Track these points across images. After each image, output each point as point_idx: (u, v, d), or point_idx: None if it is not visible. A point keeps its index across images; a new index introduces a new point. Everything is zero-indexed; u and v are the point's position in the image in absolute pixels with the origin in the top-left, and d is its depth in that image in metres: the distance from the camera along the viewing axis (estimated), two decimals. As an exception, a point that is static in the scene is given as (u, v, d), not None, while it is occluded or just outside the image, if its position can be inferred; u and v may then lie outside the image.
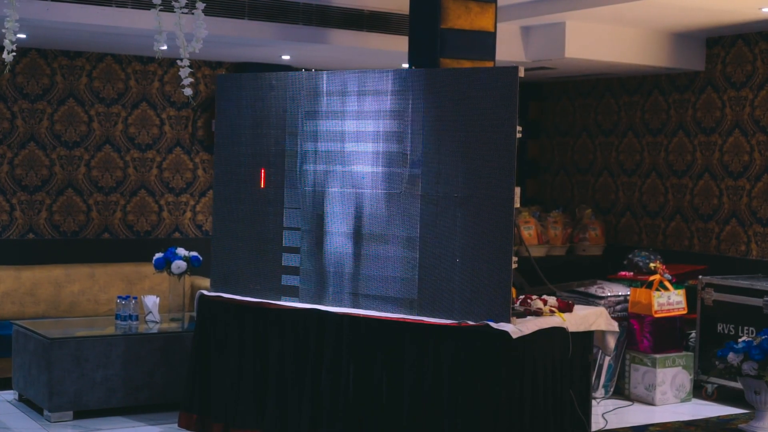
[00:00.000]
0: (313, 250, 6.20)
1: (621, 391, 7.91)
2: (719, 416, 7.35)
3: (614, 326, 6.22)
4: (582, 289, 8.00)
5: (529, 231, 9.17)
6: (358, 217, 6.00)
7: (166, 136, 9.03)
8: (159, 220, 9.02)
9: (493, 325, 5.46)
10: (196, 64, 9.02)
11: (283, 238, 6.31)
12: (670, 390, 7.73)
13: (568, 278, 8.69)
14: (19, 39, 7.52)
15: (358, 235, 6.01)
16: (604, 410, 7.39)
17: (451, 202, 5.65)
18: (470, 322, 5.56)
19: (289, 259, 6.29)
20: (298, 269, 6.25)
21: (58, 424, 6.79)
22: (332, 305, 6.08)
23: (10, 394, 7.51)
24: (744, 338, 6.98)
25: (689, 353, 7.91)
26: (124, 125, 8.84)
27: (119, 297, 7.43)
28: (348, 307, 6.03)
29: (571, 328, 5.83)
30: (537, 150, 10.62)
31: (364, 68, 7.32)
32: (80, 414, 6.91)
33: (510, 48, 8.50)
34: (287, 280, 6.29)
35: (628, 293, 7.94)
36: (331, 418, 5.90)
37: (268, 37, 7.69)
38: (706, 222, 8.92)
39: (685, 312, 7.91)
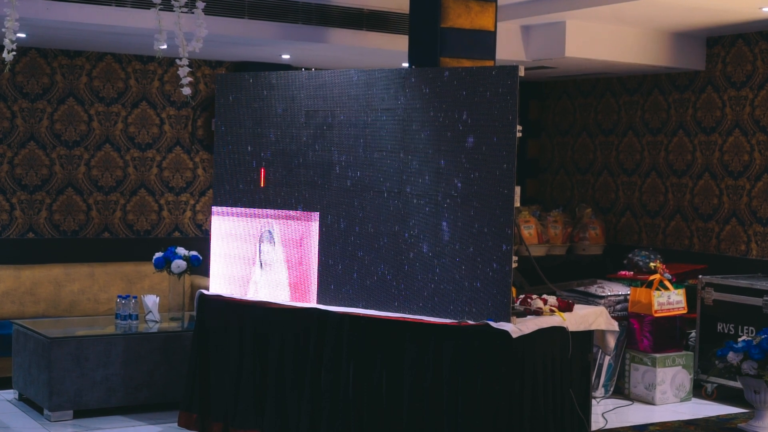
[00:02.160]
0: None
1: (621, 390, 7.91)
2: (719, 415, 7.35)
3: (614, 326, 6.22)
4: (582, 288, 8.00)
5: (529, 230, 9.17)
6: (357, 216, 6.00)
7: (166, 135, 9.03)
8: (159, 220, 9.02)
9: (493, 324, 5.45)
10: (196, 64, 9.02)
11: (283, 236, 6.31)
12: (670, 389, 7.73)
13: (568, 277, 8.69)
14: (18, 38, 7.51)
15: (356, 234, 6.00)
16: (604, 409, 7.39)
17: (451, 201, 5.65)
18: (470, 322, 5.56)
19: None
20: (297, 268, 6.25)
21: (58, 423, 6.79)
22: (332, 304, 6.08)
23: (10, 394, 7.51)
24: (744, 338, 6.98)
25: (689, 353, 7.91)
26: (123, 124, 8.84)
27: (119, 296, 7.43)
28: (348, 306, 6.03)
29: (571, 328, 5.83)
30: (537, 149, 10.62)
31: (364, 67, 7.32)
32: (80, 413, 6.91)
33: (510, 47, 8.50)
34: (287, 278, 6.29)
35: (628, 293, 7.94)
36: (330, 417, 5.89)
37: (268, 37, 7.69)
38: (706, 221, 8.92)
39: (685, 311, 7.91)
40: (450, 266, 5.66)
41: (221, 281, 6.54)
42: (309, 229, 6.19)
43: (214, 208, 6.60)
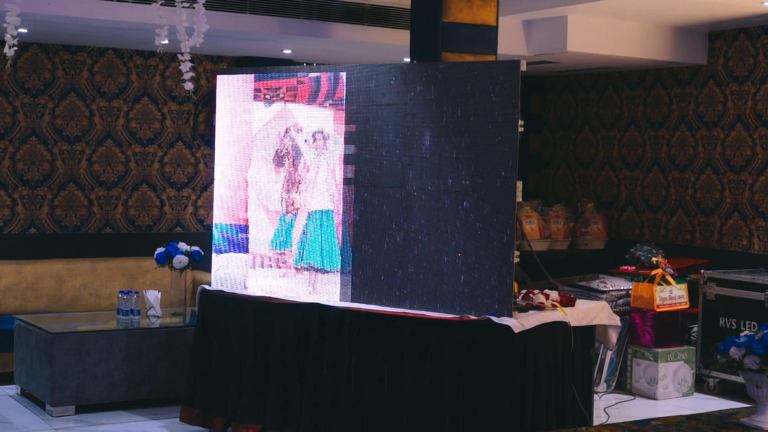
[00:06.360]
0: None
1: (623, 385, 7.91)
2: (721, 410, 7.30)
3: (616, 320, 6.21)
4: (584, 283, 7.99)
5: (531, 225, 9.16)
6: (358, 210, 5.99)
7: (168, 130, 9.02)
8: (160, 215, 9.02)
9: (494, 319, 5.45)
10: (197, 59, 9.01)
11: (285, 233, 6.31)
12: (672, 384, 7.72)
13: (570, 272, 8.69)
14: (20, 33, 7.51)
15: (359, 229, 6.00)
16: (606, 404, 7.39)
17: (453, 196, 5.64)
18: (472, 317, 5.55)
19: (289, 255, 6.29)
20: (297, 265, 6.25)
21: (60, 418, 6.80)
22: (333, 300, 6.07)
23: (12, 389, 7.52)
24: (746, 332, 6.96)
25: (691, 347, 7.91)
26: (125, 120, 8.84)
27: (121, 291, 7.43)
28: (349, 301, 6.03)
29: (573, 323, 5.83)
30: (539, 144, 10.61)
31: (366, 62, 7.31)
32: (82, 408, 6.92)
33: (512, 42, 8.49)
34: (287, 275, 6.29)
35: (630, 287, 7.94)
36: (332, 412, 5.90)
37: (269, 31, 7.68)
38: (708, 216, 8.91)
39: (687, 306, 7.90)
40: (452, 261, 5.65)
41: (223, 277, 6.53)
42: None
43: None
